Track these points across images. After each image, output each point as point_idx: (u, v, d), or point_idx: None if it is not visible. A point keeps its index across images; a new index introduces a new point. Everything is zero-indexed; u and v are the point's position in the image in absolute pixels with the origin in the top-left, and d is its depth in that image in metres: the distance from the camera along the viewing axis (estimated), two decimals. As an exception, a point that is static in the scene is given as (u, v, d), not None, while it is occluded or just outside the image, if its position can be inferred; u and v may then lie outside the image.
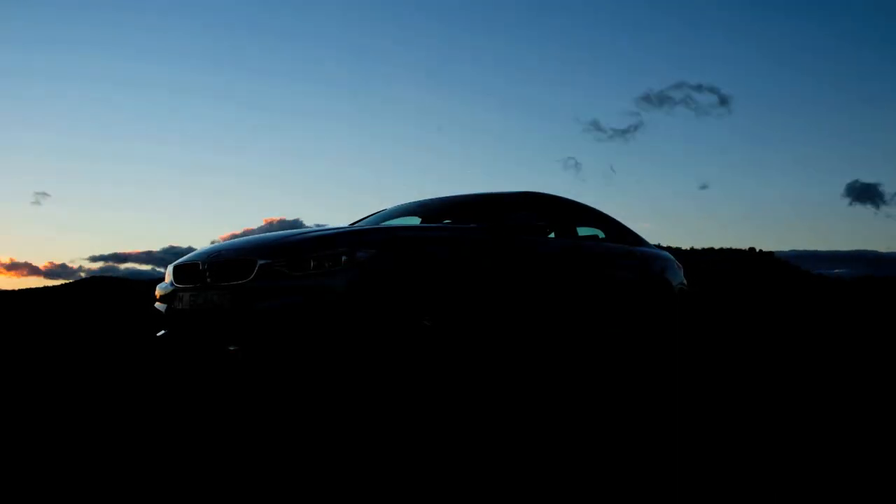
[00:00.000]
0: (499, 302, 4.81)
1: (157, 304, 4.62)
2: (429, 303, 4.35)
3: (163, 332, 4.54)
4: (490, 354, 4.76)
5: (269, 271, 4.07)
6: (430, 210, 5.99)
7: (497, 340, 4.84)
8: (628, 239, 6.67)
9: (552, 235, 6.03)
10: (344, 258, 4.09)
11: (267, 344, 4.09)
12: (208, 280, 4.26)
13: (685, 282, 6.93)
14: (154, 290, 4.79)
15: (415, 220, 5.96)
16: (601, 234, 6.61)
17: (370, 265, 4.12)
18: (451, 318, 4.45)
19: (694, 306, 7.01)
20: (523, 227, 5.07)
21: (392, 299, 4.16)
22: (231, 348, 5.13)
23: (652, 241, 7.61)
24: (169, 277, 4.62)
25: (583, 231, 6.64)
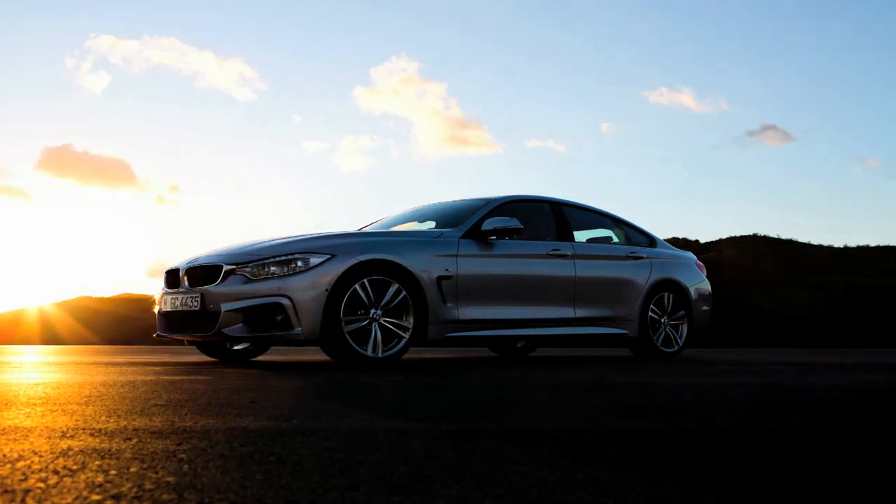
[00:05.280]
0: (461, 299, 5.03)
1: (154, 308, 5.18)
2: (383, 301, 4.65)
3: (157, 333, 5.09)
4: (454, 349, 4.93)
5: (235, 276, 4.54)
6: (438, 214, 6.25)
7: (459, 338, 5.06)
8: (641, 241, 6.68)
9: (549, 238, 6.12)
10: (300, 264, 4.52)
11: (231, 341, 4.53)
12: (186, 284, 4.76)
13: (705, 283, 6.81)
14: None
15: (429, 224, 6.24)
16: (615, 237, 6.63)
17: (324, 270, 4.50)
18: (408, 315, 4.73)
19: (712, 306, 6.83)
20: (498, 231, 5.25)
21: (346, 299, 4.50)
22: (236, 348, 5.66)
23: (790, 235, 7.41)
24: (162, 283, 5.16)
25: (595, 234, 6.68)
